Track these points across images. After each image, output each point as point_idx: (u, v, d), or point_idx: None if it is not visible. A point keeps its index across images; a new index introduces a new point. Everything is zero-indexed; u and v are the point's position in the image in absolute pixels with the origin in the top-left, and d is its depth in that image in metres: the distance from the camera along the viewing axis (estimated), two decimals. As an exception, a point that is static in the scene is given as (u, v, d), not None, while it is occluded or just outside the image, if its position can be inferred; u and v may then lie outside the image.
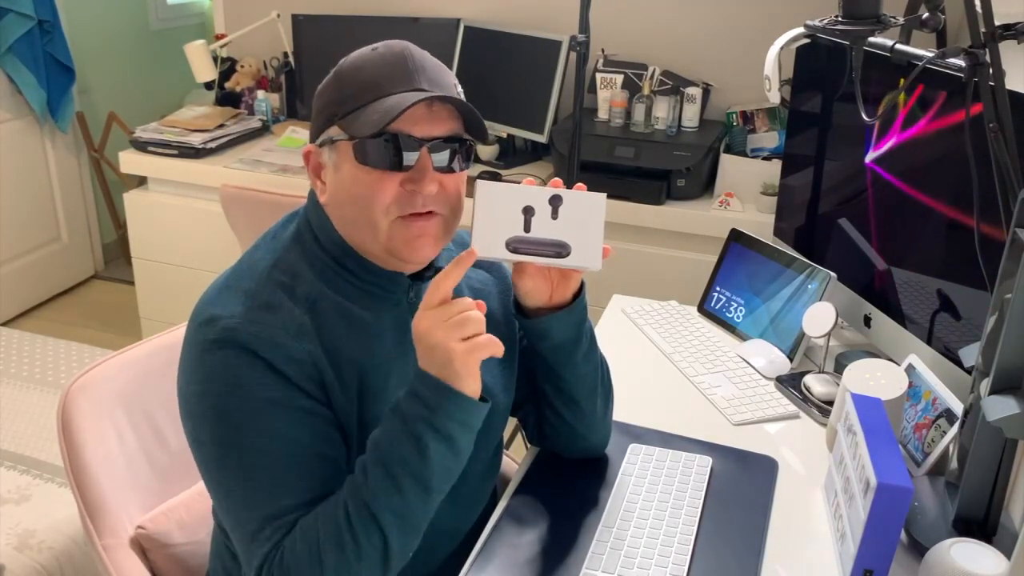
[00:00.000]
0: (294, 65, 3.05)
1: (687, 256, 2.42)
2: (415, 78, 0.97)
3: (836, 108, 1.62)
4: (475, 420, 0.94)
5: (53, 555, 1.71)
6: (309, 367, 0.96)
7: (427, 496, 0.93)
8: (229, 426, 0.94)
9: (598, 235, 1.00)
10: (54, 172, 3.54)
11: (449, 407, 0.91)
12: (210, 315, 0.97)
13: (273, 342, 0.94)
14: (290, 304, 0.98)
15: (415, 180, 0.96)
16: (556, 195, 0.99)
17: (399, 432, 0.92)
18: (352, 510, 0.91)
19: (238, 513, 0.95)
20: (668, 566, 1.04)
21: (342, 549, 0.90)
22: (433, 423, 0.91)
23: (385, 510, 0.91)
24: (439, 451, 0.92)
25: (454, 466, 0.94)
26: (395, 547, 0.92)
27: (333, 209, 1.01)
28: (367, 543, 0.90)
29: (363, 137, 0.95)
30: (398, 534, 0.92)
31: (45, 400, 2.23)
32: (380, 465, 0.92)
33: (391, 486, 0.91)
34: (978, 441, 1.06)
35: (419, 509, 0.93)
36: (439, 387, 0.91)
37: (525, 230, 0.98)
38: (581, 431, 1.18)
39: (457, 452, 0.94)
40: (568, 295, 1.07)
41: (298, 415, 0.95)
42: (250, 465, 0.94)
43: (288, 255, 1.02)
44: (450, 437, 0.92)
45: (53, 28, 3.31)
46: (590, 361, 1.12)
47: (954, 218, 1.31)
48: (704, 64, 2.73)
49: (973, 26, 1.09)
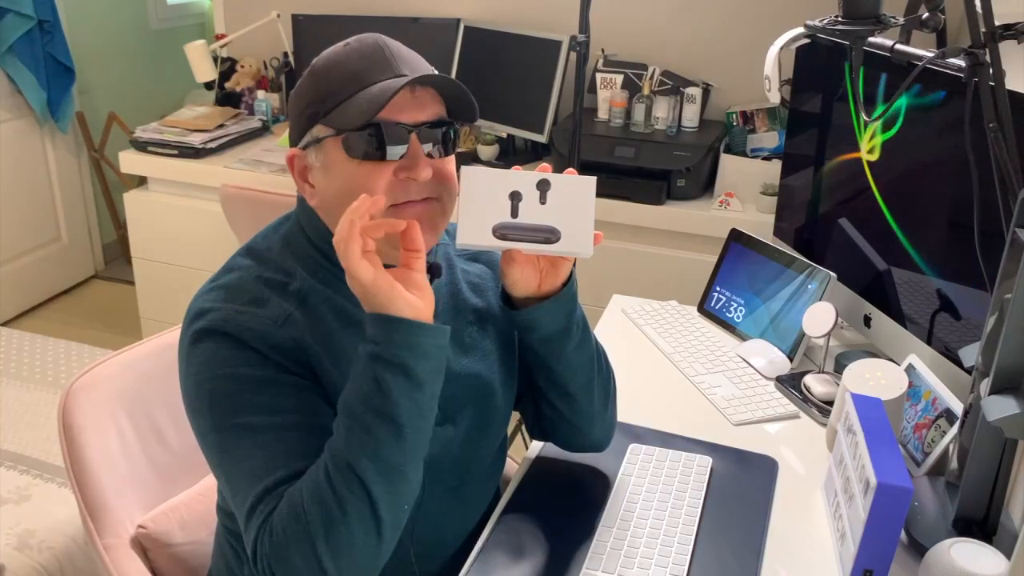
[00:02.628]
0: (294, 65, 3.05)
1: (687, 256, 2.42)
2: (393, 65, 0.97)
3: (836, 108, 1.62)
4: (425, 343, 0.90)
5: (53, 555, 1.71)
6: (296, 352, 0.97)
7: (399, 432, 0.89)
8: (222, 410, 0.95)
9: (589, 220, 0.96)
10: (54, 172, 3.54)
11: (392, 335, 0.88)
12: (198, 309, 0.99)
13: (258, 330, 0.96)
14: (278, 299, 0.99)
15: (408, 168, 0.96)
16: (544, 179, 0.96)
17: (356, 375, 0.90)
18: (328, 463, 0.89)
19: (237, 495, 0.95)
20: (668, 566, 1.04)
21: (323, 503, 0.87)
22: (383, 356, 0.88)
23: (359, 456, 0.88)
24: (397, 383, 0.89)
25: (421, 398, 0.91)
26: (378, 495, 0.88)
27: (326, 209, 1.01)
28: (348, 493, 0.87)
29: (351, 130, 0.94)
30: (378, 480, 0.88)
31: (45, 400, 2.22)
32: (346, 413, 0.90)
33: (359, 428, 0.89)
34: (978, 441, 1.06)
35: (394, 449, 0.89)
36: (377, 319, 0.89)
37: (512, 216, 0.95)
38: (579, 425, 1.15)
39: (419, 383, 0.90)
40: (558, 284, 1.04)
41: (287, 389, 0.95)
42: (246, 444, 0.94)
43: (279, 257, 1.03)
44: (404, 365, 0.89)
45: (53, 28, 3.32)
46: (583, 352, 1.10)
47: (954, 218, 1.32)
48: (704, 64, 2.73)
49: (973, 26, 1.09)
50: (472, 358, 1.10)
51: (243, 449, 0.94)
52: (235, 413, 0.94)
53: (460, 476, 1.11)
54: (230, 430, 0.95)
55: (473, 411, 1.10)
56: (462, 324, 1.10)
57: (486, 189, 0.96)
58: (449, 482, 1.10)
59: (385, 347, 0.88)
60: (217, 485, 1.09)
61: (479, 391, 1.10)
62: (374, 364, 0.89)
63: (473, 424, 1.10)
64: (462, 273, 1.14)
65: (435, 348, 0.91)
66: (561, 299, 1.04)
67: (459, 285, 1.12)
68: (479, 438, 1.11)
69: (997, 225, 1.15)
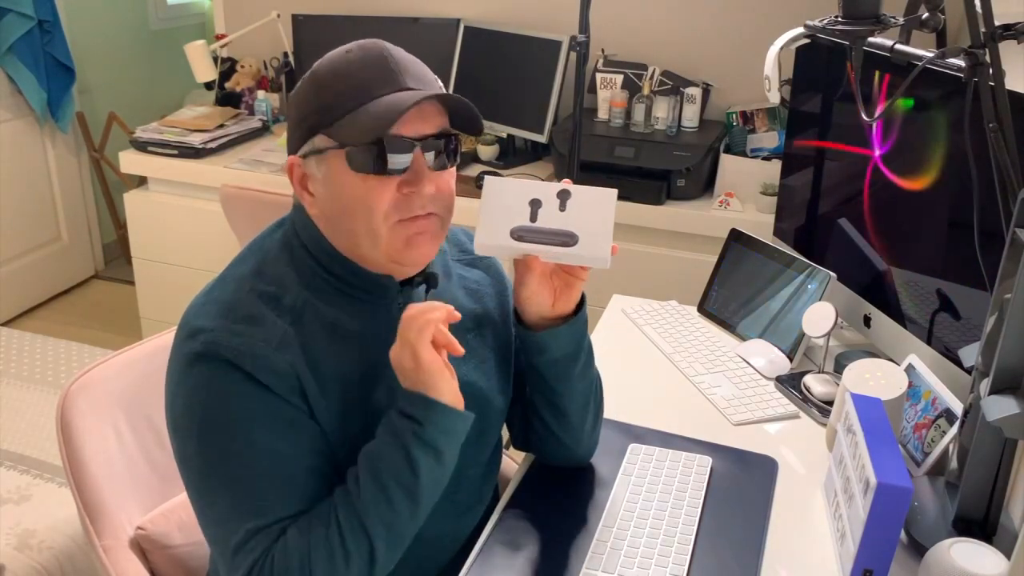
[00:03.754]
0: (294, 65, 3.05)
1: (687, 256, 2.42)
2: (399, 78, 0.95)
3: (836, 108, 1.62)
4: (460, 429, 0.96)
5: (53, 555, 1.71)
6: (292, 379, 0.95)
7: (415, 508, 0.95)
8: (213, 440, 0.94)
9: (607, 230, 0.98)
10: (54, 172, 3.54)
11: (435, 418, 0.93)
12: (193, 328, 0.96)
13: (254, 354, 0.94)
14: (273, 316, 0.97)
15: (412, 183, 0.95)
16: (564, 189, 0.98)
17: (389, 446, 0.94)
18: (343, 520, 0.92)
19: (223, 524, 0.95)
20: (668, 566, 1.04)
21: (332, 558, 0.91)
22: (422, 436, 0.93)
23: (375, 522, 0.93)
24: (427, 464, 0.94)
25: (441, 477, 0.97)
26: (381, 557, 0.94)
27: (326, 220, 1.00)
28: (356, 552, 0.92)
29: (358, 144, 0.93)
30: (386, 545, 0.94)
31: (45, 400, 2.22)
32: (371, 479, 0.93)
33: (382, 498, 0.93)
34: (978, 441, 1.06)
35: (407, 521, 0.95)
36: (423, 401, 0.93)
37: (531, 220, 0.97)
38: (567, 443, 1.17)
39: (444, 464, 0.96)
40: (571, 306, 1.05)
41: (281, 427, 0.95)
42: (236, 477, 0.93)
43: (274, 265, 1.01)
44: (437, 449, 0.94)
45: (53, 28, 3.32)
46: (586, 377, 1.11)
47: (954, 218, 1.31)
48: (704, 64, 2.73)
49: (973, 26, 1.09)
50: (470, 366, 1.09)
51: (232, 481, 0.94)
52: (226, 445, 0.93)
53: (457, 483, 1.10)
54: (218, 462, 0.94)
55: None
56: (460, 331, 1.10)
57: (506, 196, 0.98)
58: (445, 489, 1.09)
59: (425, 429, 0.93)
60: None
61: (476, 399, 1.09)
62: (410, 440, 0.93)
63: (471, 431, 1.10)
64: (460, 279, 1.14)
65: (464, 433, 0.97)
66: (574, 323, 1.06)
67: (456, 292, 1.12)
68: (476, 444, 1.11)
69: (997, 225, 1.15)
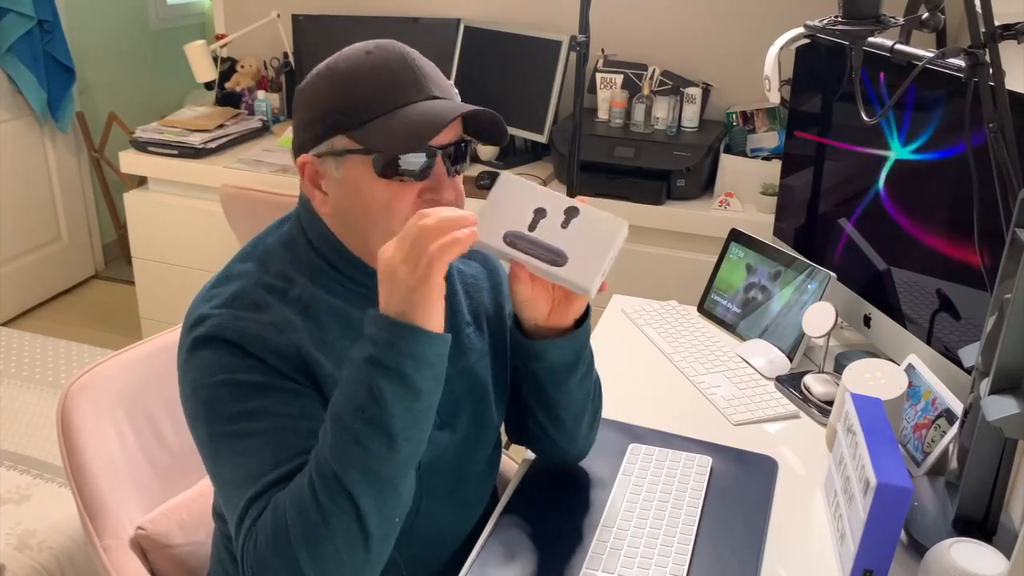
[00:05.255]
0: (294, 65, 3.05)
1: (687, 256, 2.42)
2: (425, 85, 0.95)
3: (836, 108, 1.62)
4: (428, 352, 0.85)
5: (53, 555, 1.71)
6: (297, 359, 0.94)
7: (392, 444, 0.84)
8: (217, 417, 0.93)
9: (603, 260, 0.92)
10: (54, 172, 3.54)
11: (396, 341, 0.84)
12: (198, 315, 0.97)
13: (258, 336, 0.93)
14: (279, 305, 0.97)
15: (434, 189, 0.95)
16: (574, 207, 0.94)
17: (348, 380, 0.86)
18: (313, 473, 0.85)
19: (229, 502, 0.93)
20: (668, 566, 1.04)
21: (305, 515, 0.83)
22: (382, 361, 0.84)
23: (347, 466, 0.83)
24: (394, 391, 0.84)
25: (417, 409, 0.86)
26: (367, 508, 0.84)
27: (338, 220, 0.99)
28: (332, 505, 0.83)
29: (391, 152, 0.92)
30: (368, 492, 0.84)
31: (45, 400, 2.23)
32: (335, 420, 0.85)
33: (348, 438, 0.84)
34: (978, 441, 1.06)
35: (386, 461, 0.84)
36: (383, 319, 0.85)
37: (529, 229, 0.94)
38: (562, 444, 1.16)
39: (416, 393, 0.85)
40: (568, 320, 1.03)
41: (283, 395, 0.93)
42: (238, 450, 0.91)
43: (279, 261, 1.01)
44: (403, 375, 0.84)
45: (53, 28, 3.32)
46: (583, 386, 1.10)
47: (954, 218, 1.31)
48: (704, 64, 2.73)
49: (973, 26, 1.09)
50: (469, 360, 1.10)
51: (235, 455, 0.92)
52: (229, 419, 0.92)
53: (457, 479, 1.11)
54: (224, 436, 0.93)
55: (470, 414, 1.10)
56: (459, 326, 1.10)
57: (514, 198, 0.95)
58: (446, 486, 1.09)
59: (385, 351, 0.84)
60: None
61: (476, 393, 1.10)
62: (371, 370, 0.84)
63: (471, 427, 1.10)
64: (458, 274, 1.14)
65: (437, 357, 0.87)
66: (574, 338, 1.04)
67: (455, 287, 1.12)
68: (476, 440, 1.11)
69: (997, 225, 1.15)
